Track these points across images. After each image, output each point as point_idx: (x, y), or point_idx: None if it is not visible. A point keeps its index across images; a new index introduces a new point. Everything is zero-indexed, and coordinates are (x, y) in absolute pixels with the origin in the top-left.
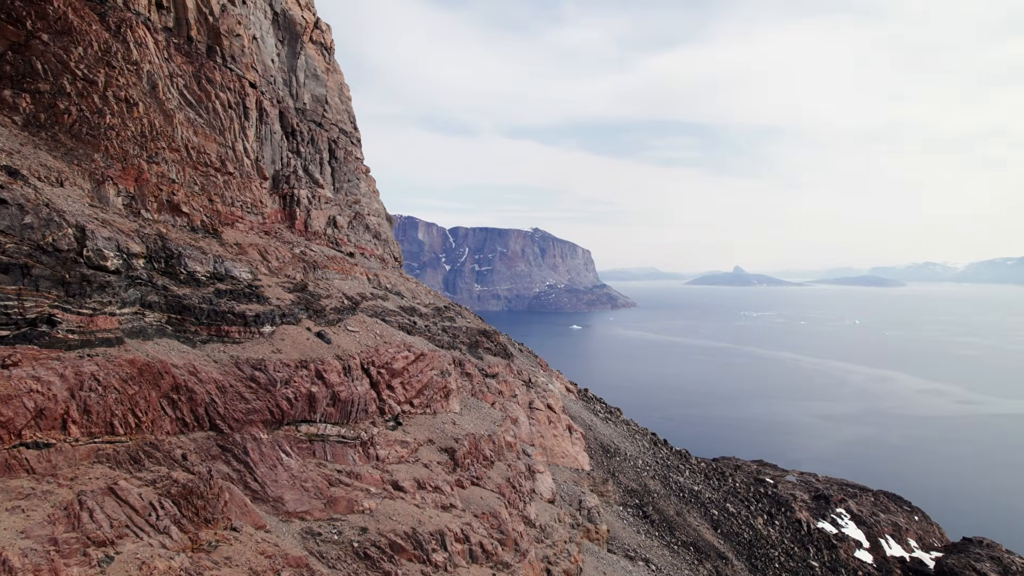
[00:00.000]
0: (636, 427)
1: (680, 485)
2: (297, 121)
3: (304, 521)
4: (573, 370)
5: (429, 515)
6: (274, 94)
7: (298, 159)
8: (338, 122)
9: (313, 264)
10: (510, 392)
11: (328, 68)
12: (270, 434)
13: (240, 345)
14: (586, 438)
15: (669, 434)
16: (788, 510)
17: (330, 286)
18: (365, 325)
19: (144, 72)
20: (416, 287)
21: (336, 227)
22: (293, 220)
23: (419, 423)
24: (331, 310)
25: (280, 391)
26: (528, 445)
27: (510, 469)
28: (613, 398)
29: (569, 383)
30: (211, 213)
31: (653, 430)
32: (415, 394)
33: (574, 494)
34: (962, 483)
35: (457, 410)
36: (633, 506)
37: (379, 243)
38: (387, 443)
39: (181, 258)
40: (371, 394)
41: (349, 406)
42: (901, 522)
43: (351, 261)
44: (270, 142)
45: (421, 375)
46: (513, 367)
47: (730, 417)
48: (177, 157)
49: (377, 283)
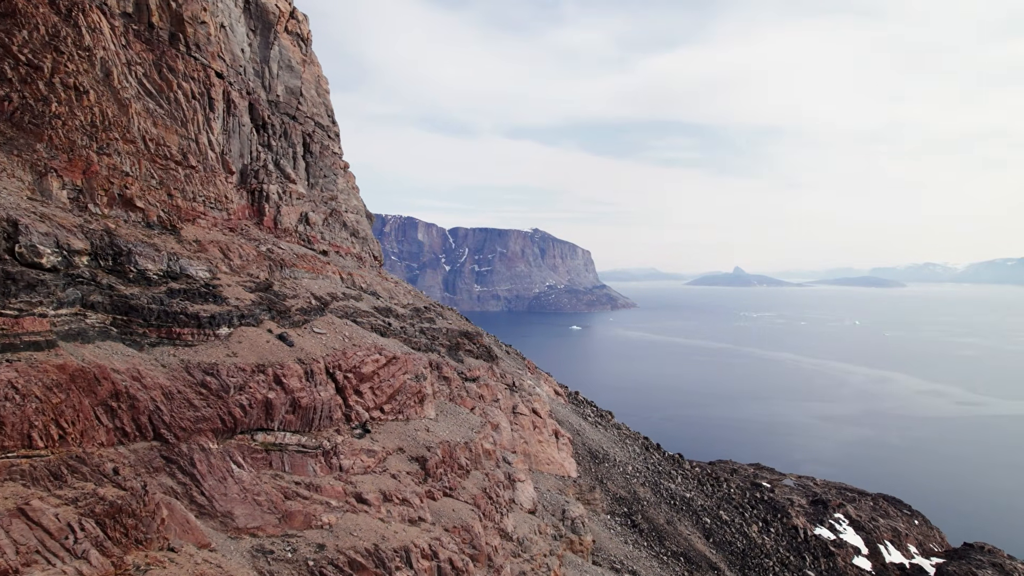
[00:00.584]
0: (628, 431)
1: (671, 492)
2: (269, 114)
3: (256, 538)
4: (572, 371)
5: (394, 530)
6: (244, 85)
7: (269, 153)
8: (314, 115)
9: (280, 262)
10: (492, 396)
11: (304, 60)
12: (221, 444)
13: (193, 348)
14: (574, 443)
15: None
16: (784, 516)
17: (298, 286)
18: (334, 327)
19: (97, 59)
20: (395, 287)
21: (309, 224)
22: (262, 216)
23: (389, 430)
24: (297, 311)
25: (233, 397)
26: (509, 452)
27: (487, 478)
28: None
29: (558, 386)
30: (170, 208)
31: (652, 432)
32: (386, 399)
33: (557, 503)
34: (963, 484)
35: (432, 416)
36: (621, 515)
37: (357, 241)
38: (352, 452)
39: (131, 255)
40: (336, 400)
41: (311, 413)
42: (901, 527)
43: (323, 259)
44: (238, 135)
45: (393, 379)
46: (496, 370)
47: (730, 418)
48: (132, 149)
49: (351, 282)
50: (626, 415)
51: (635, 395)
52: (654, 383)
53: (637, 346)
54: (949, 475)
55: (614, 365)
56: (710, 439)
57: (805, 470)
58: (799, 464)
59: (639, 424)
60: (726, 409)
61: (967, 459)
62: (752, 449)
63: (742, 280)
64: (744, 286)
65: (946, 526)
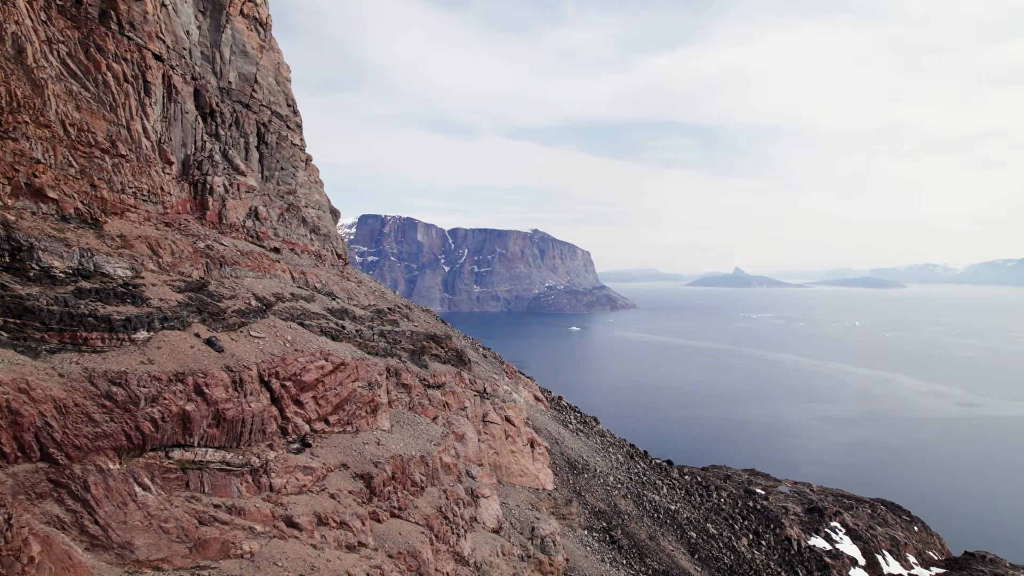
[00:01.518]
0: (612, 438)
1: (655, 504)
2: (218, 101)
3: (160, 572)
4: (571, 372)
5: (328, 557)
6: (188, 69)
7: (216, 143)
8: (271, 104)
9: (220, 260)
10: (458, 404)
11: (262, 45)
12: (125, 464)
13: (101, 355)
14: (551, 453)
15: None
16: (778, 526)
17: (238, 285)
18: (275, 330)
19: (8, 34)
20: (356, 287)
21: (259, 219)
22: (205, 210)
23: (334, 444)
24: (233, 313)
25: (143, 410)
26: (475, 465)
27: (445, 495)
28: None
29: (540, 391)
30: (92, 200)
31: (650, 433)
32: (331, 410)
33: (527, 520)
34: (963, 486)
35: (386, 427)
36: (600, 530)
37: (317, 238)
38: (286, 470)
39: (33, 251)
40: (271, 411)
41: (239, 426)
42: (899, 536)
43: (272, 257)
44: (180, 123)
45: (340, 388)
46: (466, 376)
47: (729, 420)
48: (47, 134)
49: (304, 282)
50: (625, 416)
51: (634, 396)
52: (653, 384)
53: (637, 347)
54: (950, 477)
55: (613, 366)
56: (709, 440)
57: (804, 472)
58: (799, 466)
59: (637, 426)
60: (726, 410)
61: (968, 460)
62: (751, 451)
63: (742, 281)
64: (744, 287)
65: (946, 531)
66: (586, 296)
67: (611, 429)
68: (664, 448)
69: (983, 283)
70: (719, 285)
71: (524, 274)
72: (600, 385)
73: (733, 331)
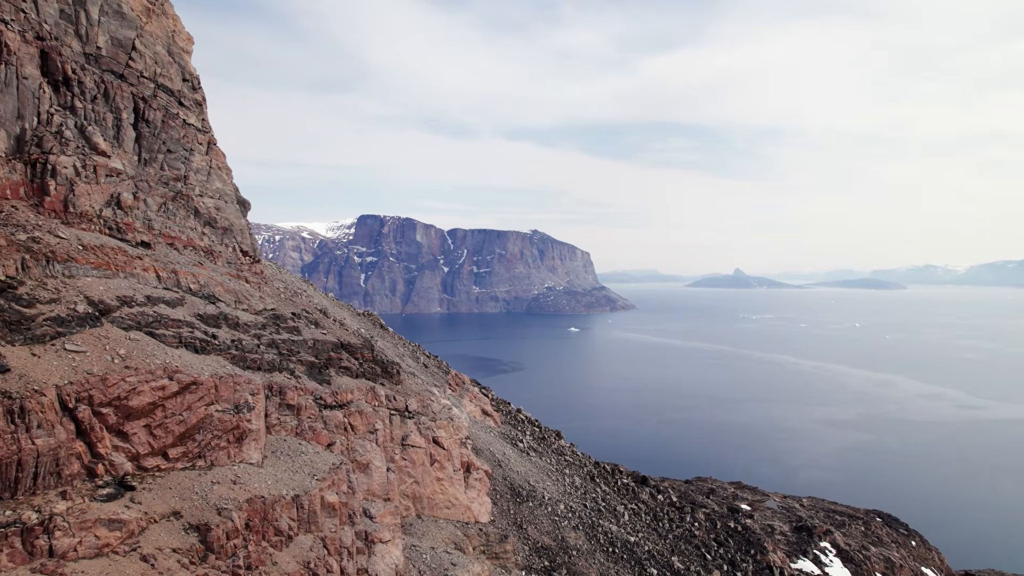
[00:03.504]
0: (573, 457)
1: (611, 536)
2: (76, 68)
3: None
4: (570, 373)
5: None
6: (30, 27)
7: (71, 117)
8: (158, 76)
9: (49, 255)
10: (367, 427)
11: (150, 8)
12: None
13: None
14: (492, 478)
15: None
16: (759, 551)
17: (67, 287)
18: (104, 342)
19: None
20: (255, 288)
21: (122, 208)
22: (44, 196)
23: (169, 486)
24: (46, 321)
25: None
26: (380, 500)
27: (323, 544)
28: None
29: (491, 404)
30: None
31: (648, 435)
32: (173, 441)
33: (441, 566)
34: (964, 491)
35: (255, 459)
36: (540, 570)
37: (213, 232)
38: (80, 526)
39: None
40: (76, 447)
41: (13, 470)
42: (895, 556)
43: (132, 253)
44: (16, 91)
45: (187, 413)
46: (382, 392)
47: (728, 422)
48: None
49: (175, 282)
50: (623, 418)
51: (633, 398)
52: (653, 386)
53: (636, 348)
54: (950, 481)
55: (612, 367)
56: (705, 443)
57: (802, 476)
58: (796, 470)
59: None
60: (724, 413)
61: (968, 464)
62: (749, 454)
63: (742, 282)
64: (744, 288)
65: (946, 542)
66: (585, 297)
67: (609, 431)
68: (659, 451)
69: (984, 284)
70: (719, 286)
71: (523, 275)
72: (599, 386)
73: (733, 332)
